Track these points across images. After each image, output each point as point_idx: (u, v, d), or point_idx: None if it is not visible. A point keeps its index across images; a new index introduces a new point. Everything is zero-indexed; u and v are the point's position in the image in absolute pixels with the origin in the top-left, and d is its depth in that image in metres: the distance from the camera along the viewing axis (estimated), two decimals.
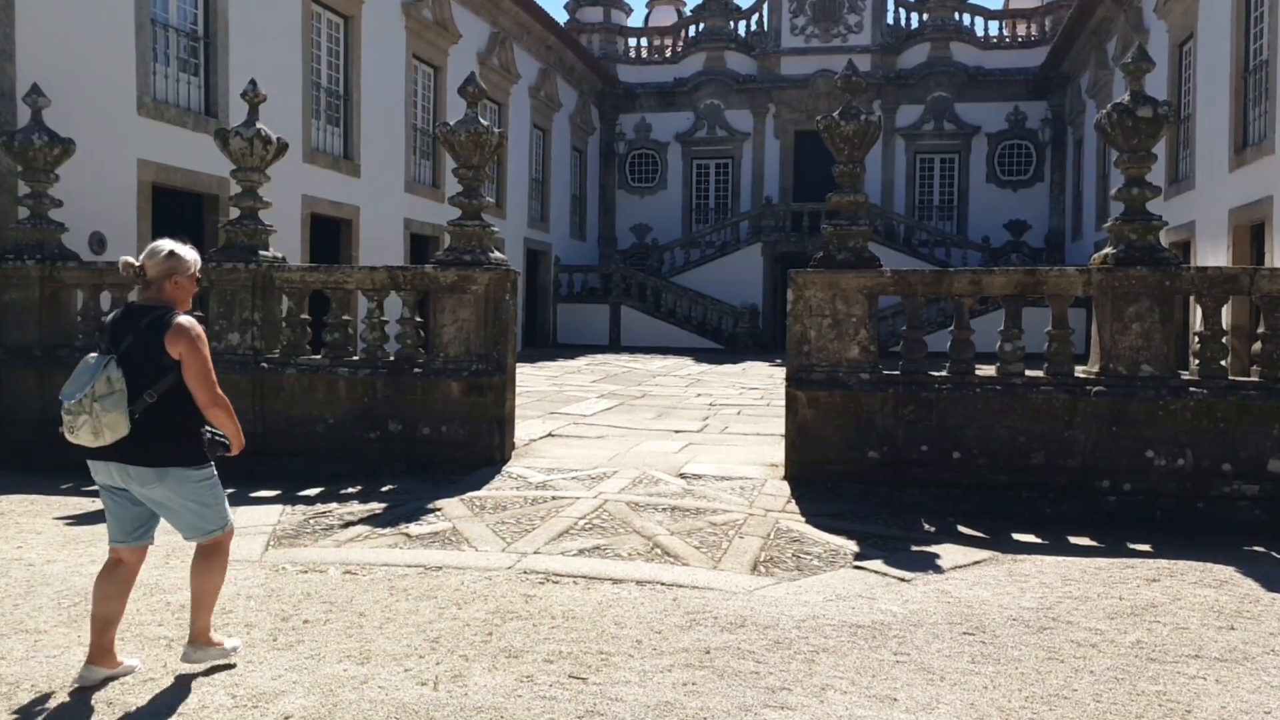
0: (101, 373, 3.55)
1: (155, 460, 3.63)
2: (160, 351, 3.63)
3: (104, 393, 3.52)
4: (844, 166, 8.31)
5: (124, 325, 3.71)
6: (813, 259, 8.32)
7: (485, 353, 8.69)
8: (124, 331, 3.68)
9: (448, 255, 8.85)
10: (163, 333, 3.63)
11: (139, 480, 3.67)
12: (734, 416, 12.01)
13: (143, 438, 3.59)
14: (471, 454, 8.57)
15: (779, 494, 7.61)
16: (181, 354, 3.65)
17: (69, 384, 3.61)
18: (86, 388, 3.53)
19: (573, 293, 26.94)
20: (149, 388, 3.60)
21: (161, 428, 3.63)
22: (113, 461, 3.64)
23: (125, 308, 3.81)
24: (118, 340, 3.66)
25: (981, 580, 5.58)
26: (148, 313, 3.70)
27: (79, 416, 3.52)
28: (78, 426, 3.54)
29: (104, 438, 3.55)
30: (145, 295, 3.80)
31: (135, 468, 3.63)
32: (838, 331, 8.11)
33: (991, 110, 28.26)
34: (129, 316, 3.74)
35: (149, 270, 3.76)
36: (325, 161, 16.22)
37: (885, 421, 7.97)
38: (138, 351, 3.62)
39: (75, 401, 3.52)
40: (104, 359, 3.61)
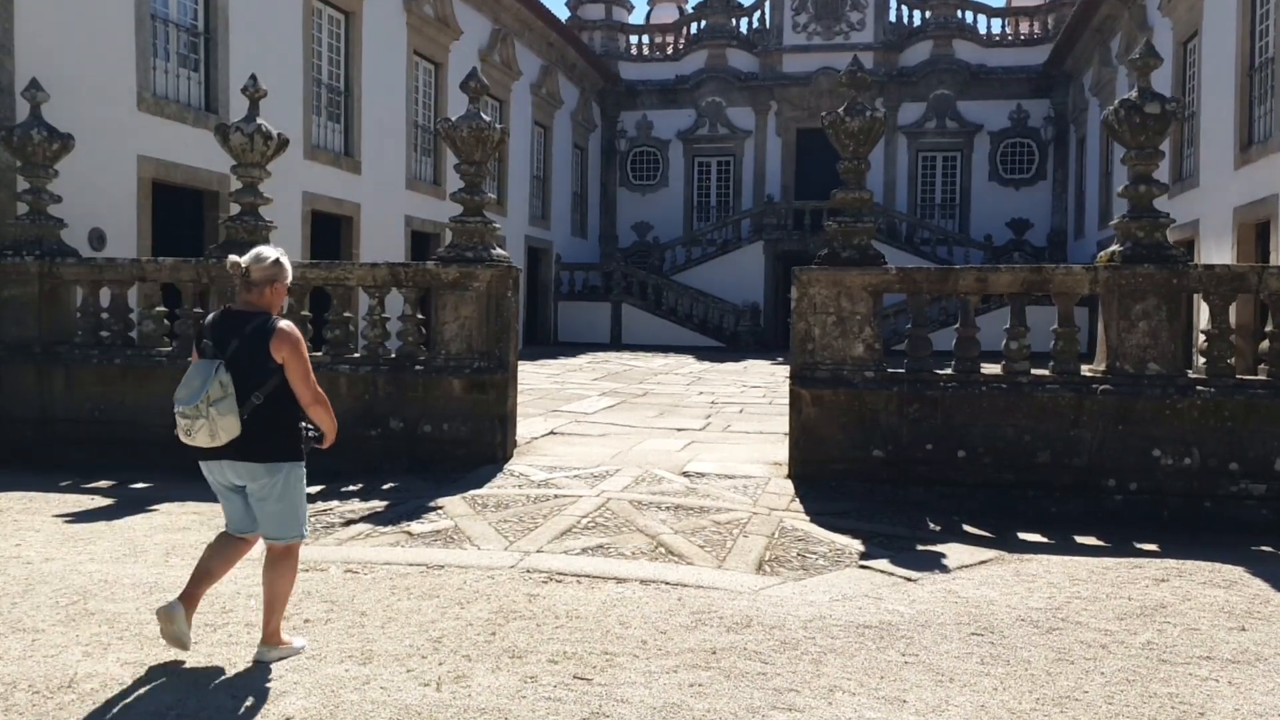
0: (213, 377, 3.71)
1: (265, 456, 3.84)
2: (266, 356, 3.81)
3: (218, 396, 3.69)
4: (849, 163, 8.26)
5: (228, 330, 3.87)
6: (817, 256, 8.27)
7: (487, 350, 8.63)
8: (228, 336, 3.83)
9: (450, 252, 8.80)
10: (268, 338, 3.82)
11: (250, 475, 3.88)
12: (736, 415, 11.96)
13: (253, 437, 3.78)
14: (473, 452, 8.52)
15: (783, 493, 7.56)
16: (285, 358, 3.85)
17: (181, 389, 3.77)
18: (202, 393, 3.69)
19: (574, 291, 26.88)
20: (256, 390, 3.79)
21: (268, 426, 3.82)
22: (226, 460, 3.85)
23: (224, 312, 3.97)
24: (223, 345, 3.82)
25: (988, 580, 5.53)
26: (250, 318, 3.88)
27: (196, 420, 3.69)
28: (195, 430, 3.71)
29: (219, 439, 3.73)
30: (245, 299, 3.96)
31: (246, 464, 3.84)
32: (842, 329, 8.05)
33: (994, 108, 28.19)
34: (231, 321, 3.90)
35: (254, 274, 3.93)
36: (326, 158, 16.17)
37: (890, 420, 7.91)
38: (244, 356, 3.80)
39: (191, 406, 3.69)
40: (214, 364, 3.76)
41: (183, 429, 3.76)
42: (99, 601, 4.72)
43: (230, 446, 3.78)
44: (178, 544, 6.00)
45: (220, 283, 9.06)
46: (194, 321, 8.93)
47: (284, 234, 13.15)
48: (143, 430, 9.08)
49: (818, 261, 8.21)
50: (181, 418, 3.73)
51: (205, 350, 3.85)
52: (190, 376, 3.79)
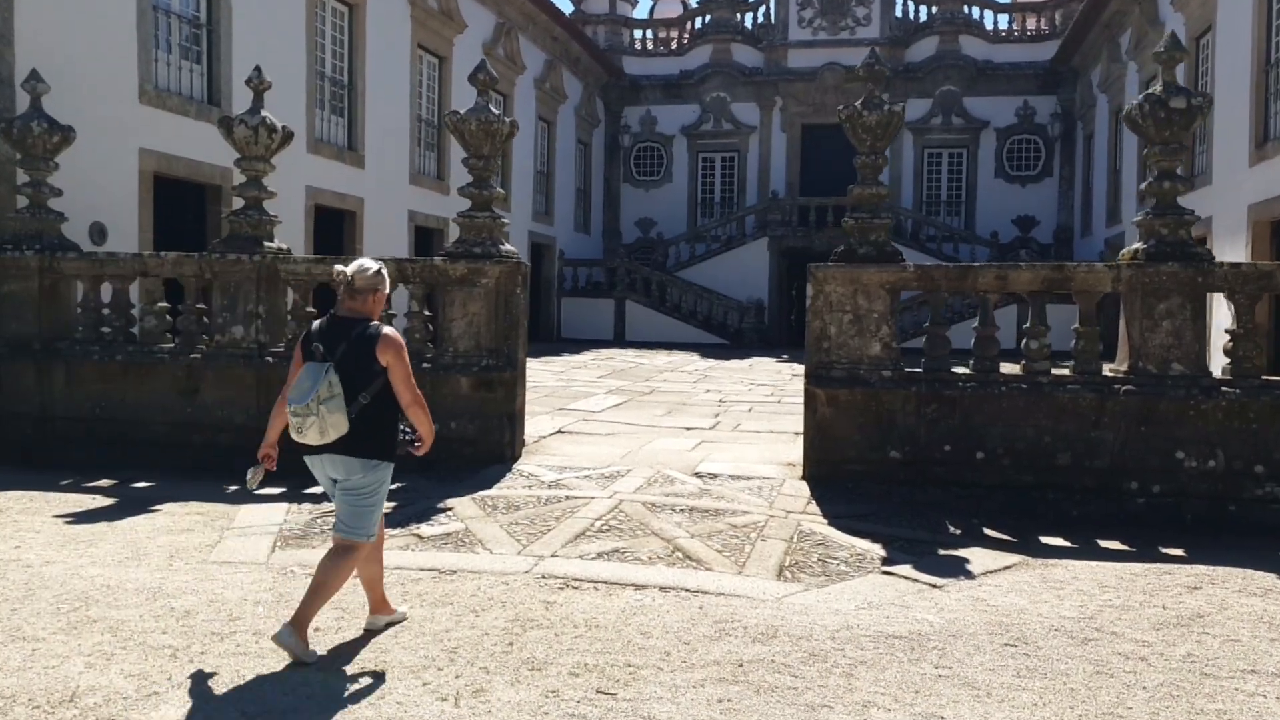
0: (323, 378, 3.94)
1: (367, 453, 4.05)
2: (371, 359, 4.05)
3: (327, 396, 3.91)
4: (865, 158, 8.09)
5: (336, 335, 4.09)
6: (834, 253, 8.10)
7: (495, 347, 8.48)
8: (336, 341, 4.06)
9: (457, 247, 8.64)
10: (374, 343, 4.06)
11: (347, 470, 4.07)
12: (745, 414, 11.81)
13: (358, 434, 4.00)
14: (481, 451, 8.36)
15: (798, 494, 7.40)
16: (389, 362, 4.08)
17: (295, 388, 4.01)
18: (313, 393, 3.91)
19: (577, 287, 26.72)
20: (362, 391, 4.01)
21: (373, 426, 4.05)
22: (329, 455, 4.05)
23: (331, 318, 4.19)
24: (332, 349, 4.05)
25: (1016, 586, 5.37)
26: (355, 324, 4.12)
27: (306, 418, 3.91)
28: (306, 427, 3.93)
29: (328, 436, 3.95)
30: (349, 306, 4.17)
31: (347, 458, 4.04)
32: (859, 328, 7.89)
33: (1000, 104, 28.00)
34: (338, 326, 4.13)
35: (357, 282, 4.15)
36: (329, 152, 16.00)
37: (907, 420, 7.75)
38: (350, 359, 4.02)
39: (303, 405, 3.91)
40: (324, 366, 3.99)
41: (294, 426, 3.97)
42: (101, 608, 4.56)
43: (337, 443, 3.99)
44: (181, 546, 5.84)
45: (224, 277, 8.91)
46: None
47: (287, 229, 12.98)
48: (144, 429, 8.94)
49: (834, 258, 8.05)
50: (293, 415, 3.95)
51: (314, 353, 4.07)
52: (301, 378, 4.01)
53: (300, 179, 14.82)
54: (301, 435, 3.98)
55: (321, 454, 4.06)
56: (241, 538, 6.09)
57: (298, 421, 3.95)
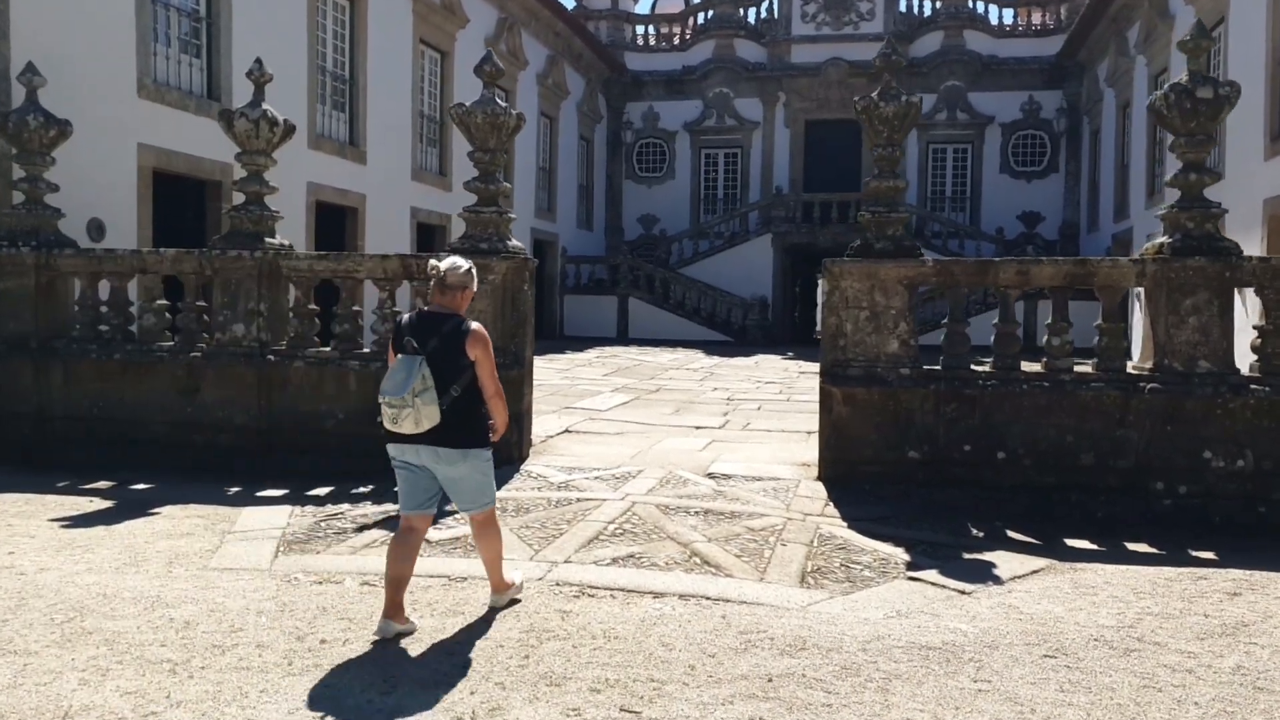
0: (417, 371, 4.09)
1: (461, 443, 4.23)
2: (461, 353, 4.22)
3: (422, 389, 4.07)
4: (882, 150, 7.89)
5: (427, 329, 4.25)
6: (849, 247, 7.90)
7: (503, 345, 8.27)
8: (428, 335, 4.22)
9: (463, 243, 8.43)
10: (464, 339, 4.24)
11: (446, 460, 4.25)
12: (754, 412, 11.61)
13: (450, 425, 4.15)
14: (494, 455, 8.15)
15: (815, 496, 7.21)
16: (477, 356, 4.27)
17: (388, 381, 4.15)
18: (409, 385, 4.06)
19: (579, 284, 26.51)
20: (453, 383, 4.18)
21: (463, 416, 4.22)
22: (423, 445, 4.21)
23: (420, 314, 4.38)
24: (424, 343, 4.20)
25: (1048, 592, 5.18)
26: (446, 319, 4.28)
27: (403, 409, 4.07)
28: (401, 418, 4.09)
29: (422, 426, 4.11)
30: (440, 301, 4.35)
31: (444, 449, 4.21)
32: (876, 324, 7.69)
33: (1005, 99, 27.78)
34: (428, 321, 4.29)
35: (449, 279, 4.32)
36: (331, 148, 15.79)
37: (926, 419, 7.56)
38: (441, 353, 4.18)
39: (398, 397, 4.07)
40: (416, 359, 4.14)
41: (389, 417, 4.13)
42: (97, 619, 4.36)
43: (430, 433, 4.15)
44: (181, 551, 5.64)
45: (224, 274, 8.71)
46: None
47: (288, 225, 12.77)
48: (144, 428, 8.74)
49: (850, 253, 7.84)
50: (388, 407, 4.11)
51: (406, 347, 4.21)
52: (395, 370, 4.16)
53: (301, 175, 14.61)
54: (397, 425, 4.13)
55: (419, 444, 4.21)
56: (243, 542, 5.89)
57: (393, 413, 4.10)
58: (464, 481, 4.34)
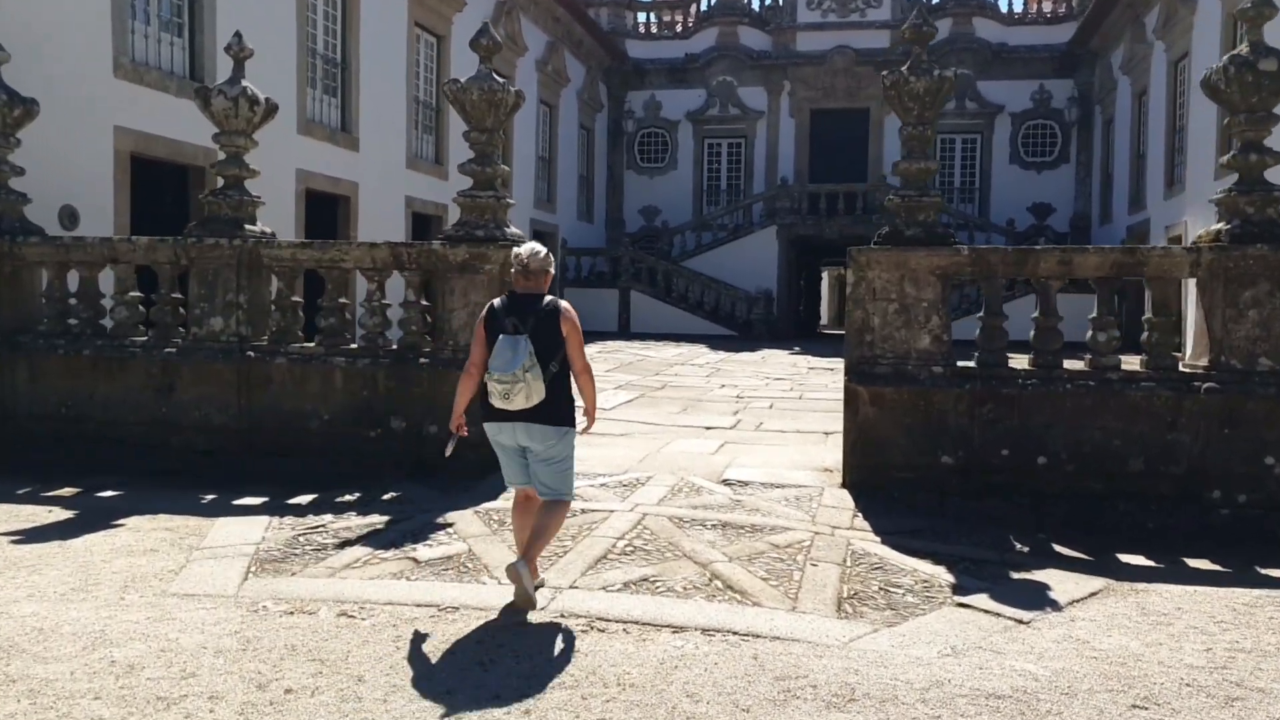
0: (524, 348, 4.23)
1: (558, 421, 4.38)
2: (557, 331, 4.39)
3: (530, 365, 4.21)
4: (912, 129, 7.28)
5: (524, 310, 4.40)
6: (877, 235, 7.29)
7: None
8: (525, 315, 4.37)
9: (457, 230, 7.81)
10: (558, 316, 4.42)
11: (542, 438, 4.38)
12: (766, 411, 11.00)
13: (550, 401, 4.31)
14: (486, 456, 7.47)
15: (841, 505, 6.60)
16: (568, 333, 4.43)
17: (496, 360, 4.26)
18: (518, 361, 4.21)
19: (580, 276, 25.87)
20: (551, 360, 4.33)
21: (560, 393, 4.39)
22: (521, 423, 4.34)
23: (511, 296, 4.51)
24: (524, 321, 4.34)
25: (1115, 622, 4.58)
26: (538, 299, 4.45)
27: (515, 385, 4.20)
28: (514, 394, 4.22)
29: (532, 401, 4.25)
30: (526, 285, 4.50)
31: (541, 426, 4.34)
32: (906, 318, 7.08)
33: (1015, 88, 27.13)
34: (522, 303, 4.44)
35: (531, 265, 4.47)
36: (321, 134, 15.14)
37: (960, 421, 6.96)
38: (540, 332, 4.33)
39: (509, 374, 4.19)
40: (521, 338, 4.28)
41: (499, 394, 4.23)
42: (25, 661, 3.74)
43: (533, 410, 4.28)
44: (140, 573, 5.04)
45: (201, 264, 8.09)
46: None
47: (276, 214, 12.15)
48: (115, 428, 8.14)
49: (878, 241, 7.23)
50: (498, 384, 4.22)
51: (507, 327, 4.33)
52: (501, 349, 4.27)
53: (290, 162, 13.98)
54: (508, 401, 4.24)
55: (517, 421, 4.32)
56: (211, 561, 5.29)
57: (504, 389, 4.20)
58: (555, 462, 4.46)
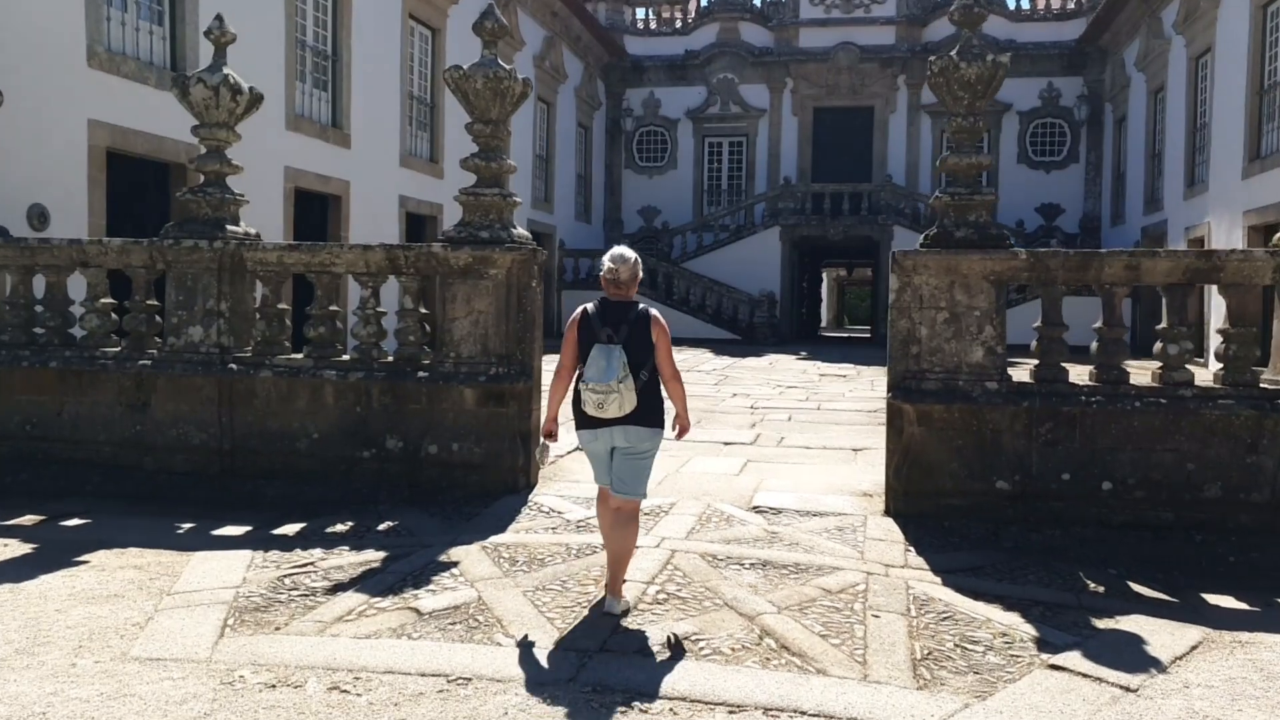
0: (618, 358, 4.30)
1: (651, 423, 4.44)
2: (648, 338, 4.43)
3: (624, 375, 4.28)
4: (962, 120, 6.62)
5: (615, 318, 4.44)
6: (925, 236, 6.63)
7: (506, 353, 6.99)
8: (618, 323, 4.42)
9: (459, 231, 7.14)
10: (649, 324, 4.45)
11: (636, 439, 4.43)
12: (785, 424, 10.35)
13: (643, 406, 4.36)
14: (489, 478, 6.89)
15: (890, 538, 5.94)
16: (658, 339, 4.46)
17: (591, 369, 4.32)
18: (614, 372, 4.27)
19: (578, 278, 25.18)
20: (642, 368, 4.37)
21: (652, 398, 4.43)
22: (619, 427, 4.40)
23: (604, 304, 4.50)
24: (617, 330, 4.40)
25: (1236, 689, 3.92)
26: (629, 307, 4.48)
27: (609, 395, 4.27)
28: (608, 403, 4.28)
29: (625, 409, 4.31)
30: (616, 293, 4.51)
31: (635, 428, 4.40)
32: (956, 329, 6.43)
33: (1023, 86, 26.52)
34: (614, 311, 4.47)
35: (622, 275, 4.50)
36: (311, 129, 14.42)
37: (1016, 443, 6.31)
38: (632, 340, 4.39)
39: (604, 384, 4.26)
40: (615, 348, 4.33)
41: (594, 403, 4.30)
42: None
43: (627, 415, 4.35)
44: (99, 627, 4.34)
45: (179, 268, 7.40)
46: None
47: (264, 214, 11.44)
48: (84, 448, 7.46)
49: (925, 243, 6.58)
50: (593, 393, 4.29)
51: (602, 337, 4.37)
52: (596, 358, 4.33)
53: (278, 159, 13.27)
54: (603, 411, 4.30)
55: (613, 426, 4.39)
56: (183, 611, 4.59)
57: (599, 399, 4.28)
58: (642, 461, 4.50)
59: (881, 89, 27.37)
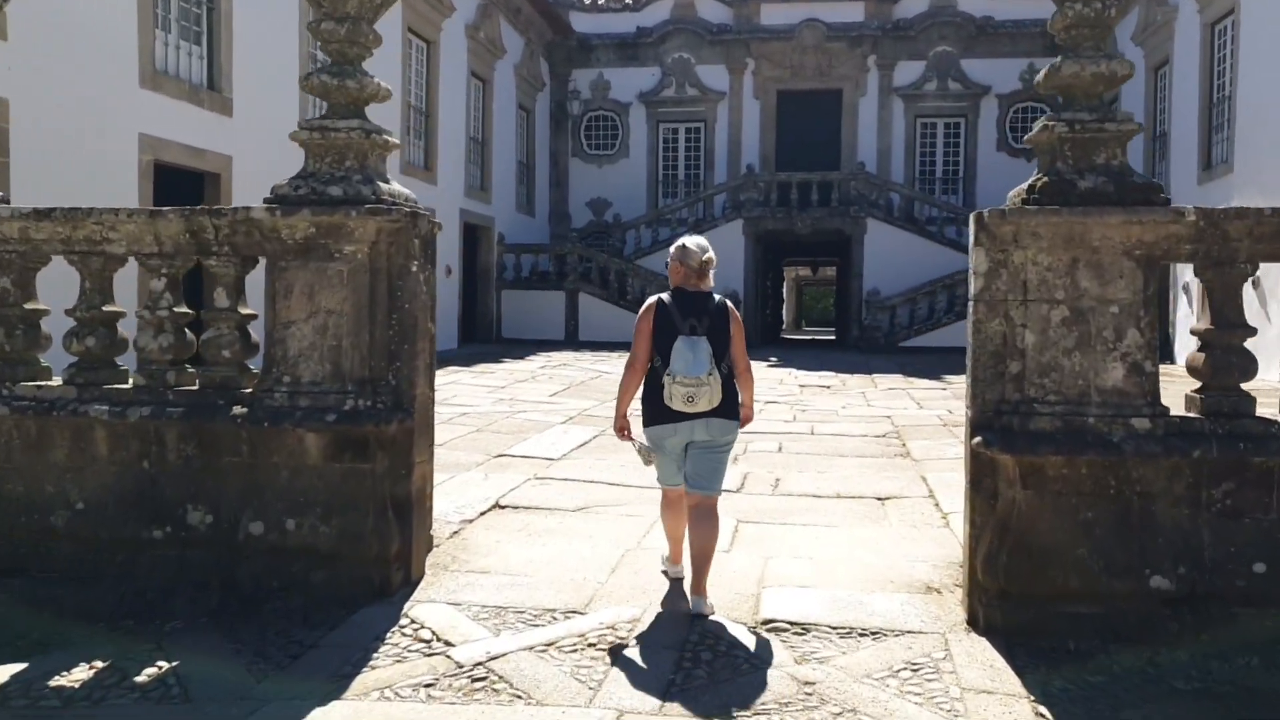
0: (704, 350, 4.17)
1: (733, 415, 4.32)
2: (726, 330, 4.32)
3: (711, 369, 4.16)
4: (1082, 6, 4.24)
5: (696, 309, 4.28)
6: (1028, 188, 4.24)
7: (371, 376, 4.47)
8: (700, 315, 4.26)
9: (297, 187, 4.62)
10: (728, 315, 4.36)
11: (718, 432, 4.30)
12: (776, 457, 7.94)
13: (726, 399, 4.24)
14: (344, 575, 4.37)
15: (999, 686, 3.54)
16: (734, 330, 4.36)
17: (679, 361, 4.15)
18: (702, 364, 4.14)
19: (520, 277, 22.58)
20: (722, 360, 4.26)
21: (730, 390, 4.30)
22: (703, 420, 4.23)
23: (680, 293, 4.33)
24: (700, 321, 4.25)
25: None
26: (707, 298, 4.34)
27: (699, 389, 4.13)
28: (699, 397, 4.15)
29: (714, 403, 4.18)
30: (694, 283, 4.34)
31: (720, 421, 4.27)
32: (1082, 334, 4.04)
33: (1003, 67, 24.41)
34: (693, 301, 4.30)
35: (706, 263, 4.36)
36: (177, 90, 11.66)
37: (1178, 515, 3.97)
38: (713, 331, 4.25)
39: (695, 377, 4.13)
40: (700, 339, 4.21)
41: (682, 397, 4.13)
42: None
43: (714, 409, 4.19)
44: None
45: None
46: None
47: (109, 192, 8.78)
48: None
49: (1029, 196, 4.18)
50: (683, 386, 4.12)
51: (686, 329, 4.21)
52: (683, 350, 4.17)
53: (129, 123, 10.54)
54: (693, 405, 4.13)
55: (695, 420, 4.20)
56: None
57: (690, 392, 4.11)
58: (723, 455, 4.34)
59: (850, 70, 25.16)
